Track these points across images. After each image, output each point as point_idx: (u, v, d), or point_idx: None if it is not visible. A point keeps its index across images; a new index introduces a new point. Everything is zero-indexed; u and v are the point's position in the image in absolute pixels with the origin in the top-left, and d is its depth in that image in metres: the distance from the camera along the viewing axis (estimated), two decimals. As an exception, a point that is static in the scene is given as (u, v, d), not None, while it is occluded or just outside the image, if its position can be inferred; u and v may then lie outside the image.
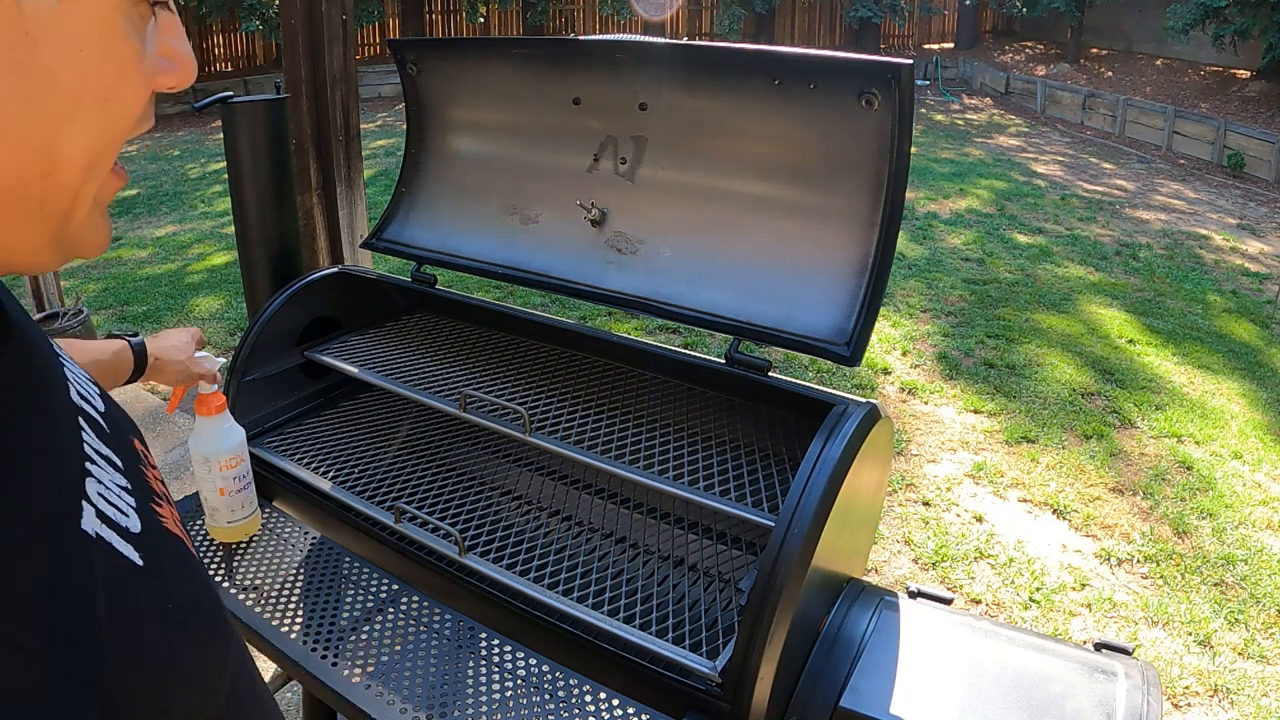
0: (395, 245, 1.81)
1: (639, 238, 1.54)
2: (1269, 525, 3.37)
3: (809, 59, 1.27)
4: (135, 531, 0.43)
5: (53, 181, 0.39)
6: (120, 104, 0.40)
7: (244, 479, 1.35)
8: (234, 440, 1.33)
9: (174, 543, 0.48)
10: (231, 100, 1.80)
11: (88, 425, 0.47)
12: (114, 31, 0.39)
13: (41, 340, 0.50)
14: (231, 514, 1.35)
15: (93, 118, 0.39)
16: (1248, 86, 13.40)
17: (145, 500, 0.47)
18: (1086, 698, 1.08)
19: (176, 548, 0.48)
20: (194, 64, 0.45)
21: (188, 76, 0.44)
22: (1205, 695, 2.53)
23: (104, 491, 0.43)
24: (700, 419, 1.48)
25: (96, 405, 0.51)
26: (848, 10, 17.74)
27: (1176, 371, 4.79)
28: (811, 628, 1.19)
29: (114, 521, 0.42)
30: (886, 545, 3.15)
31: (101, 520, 0.41)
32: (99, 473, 0.44)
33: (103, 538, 0.40)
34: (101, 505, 0.42)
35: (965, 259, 6.68)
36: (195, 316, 5.33)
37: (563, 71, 1.56)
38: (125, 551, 0.41)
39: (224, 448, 1.31)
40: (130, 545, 0.42)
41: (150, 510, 0.47)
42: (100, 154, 0.41)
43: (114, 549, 0.41)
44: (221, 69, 16.51)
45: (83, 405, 0.49)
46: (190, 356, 1.33)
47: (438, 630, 1.21)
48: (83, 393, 0.50)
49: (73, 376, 0.50)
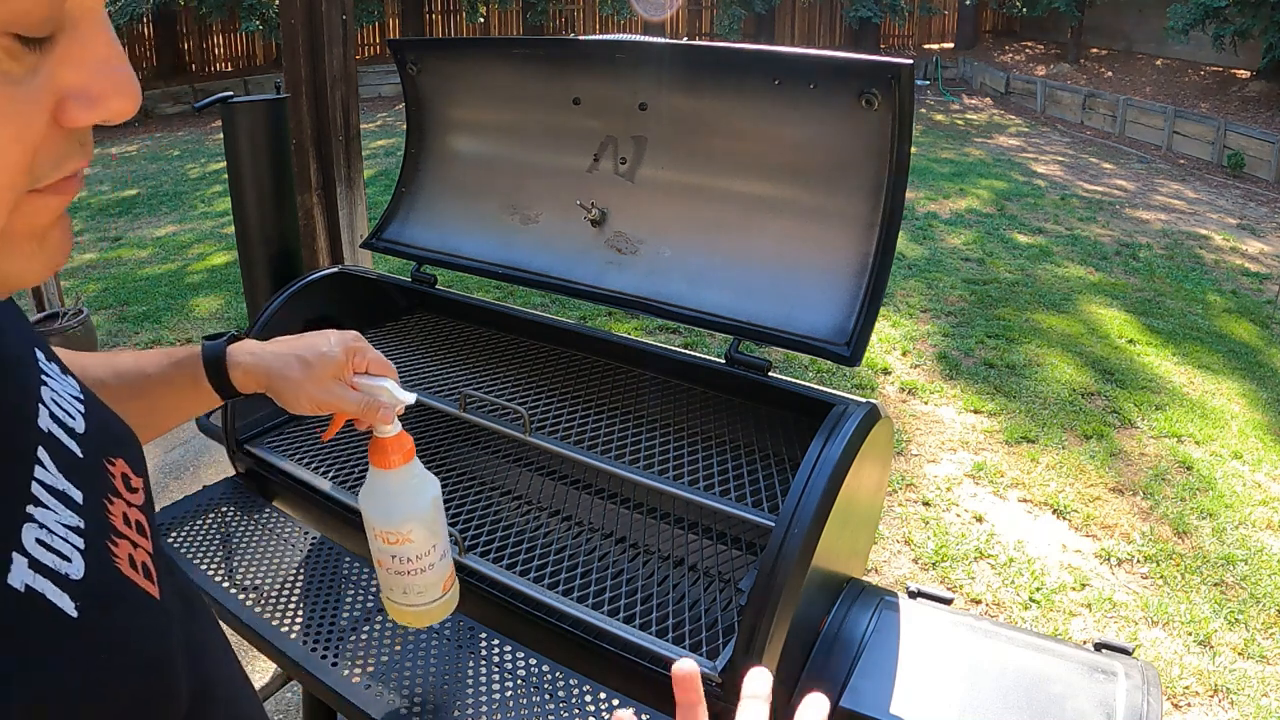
0: (395, 245, 1.81)
1: (639, 238, 1.54)
2: (1269, 525, 3.37)
3: (809, 59, 1.27)
4: (76, 578, 0.41)
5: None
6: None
7: (416, 559, 0.93)
8: (404, 508, 0.90)
9: (122, 586, 0.45)
10: (231, 100, 1.80)
11: (50, 456, 0.45)
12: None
13: (18, 357, 0.48)
14: (396, 593, 0.96)
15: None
16: (1248, 86, 13.40)
17: (99, 539, 0.45)
18: (1086, 698, 1.08)
19: (125, 592, 0.45)
20: (129, 93, 0.39)
21: (115, 108, 0.39)
22: (1205, 695, 2.53)
23: (44, 537, 0.41)
24: (700, 419, 1.48)
25: (75, 425, 0.49)
26: (848, 10, 17.74)
27: (1176, 371, 4.79)
28: (811, 628, 1.19)
29: (52, 569, 0.40)
30: (886, 545, 3.15)
31: (36, 570, 0.39)
32: (43, 515, 0.42)
33: (33, 589, 0.39)
34: (37, 553, 0.40)
35: (965, 259, 6.68)
36: (195, 316, 5.33)
37: (563, 71, 1.56)
38: (59, 603, 0.40)
39: (387, 513, 0.91)
40: (67, 594, 0.40)
41: (101, 550, 0.45)
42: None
43: (45, 599, 0.39)
44: (221, 69, 16.51)
45: (53, 430, 0.47)
46: (332, 379, 0.87)
47: (438, 630, 1.21)
48: (58, 414, 0.48)
49: (50, 397, 0.48)
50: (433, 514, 0.92)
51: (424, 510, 0.91)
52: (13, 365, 0.48)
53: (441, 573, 0.95)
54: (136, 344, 4.93)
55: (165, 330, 5.10)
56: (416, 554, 0.92)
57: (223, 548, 1.39)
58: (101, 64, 0.38)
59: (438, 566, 0.94)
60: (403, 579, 0.93)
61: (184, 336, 5.02)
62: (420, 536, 0.91)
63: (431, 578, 0.94)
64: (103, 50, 0.38)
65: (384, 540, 0.91)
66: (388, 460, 0.89)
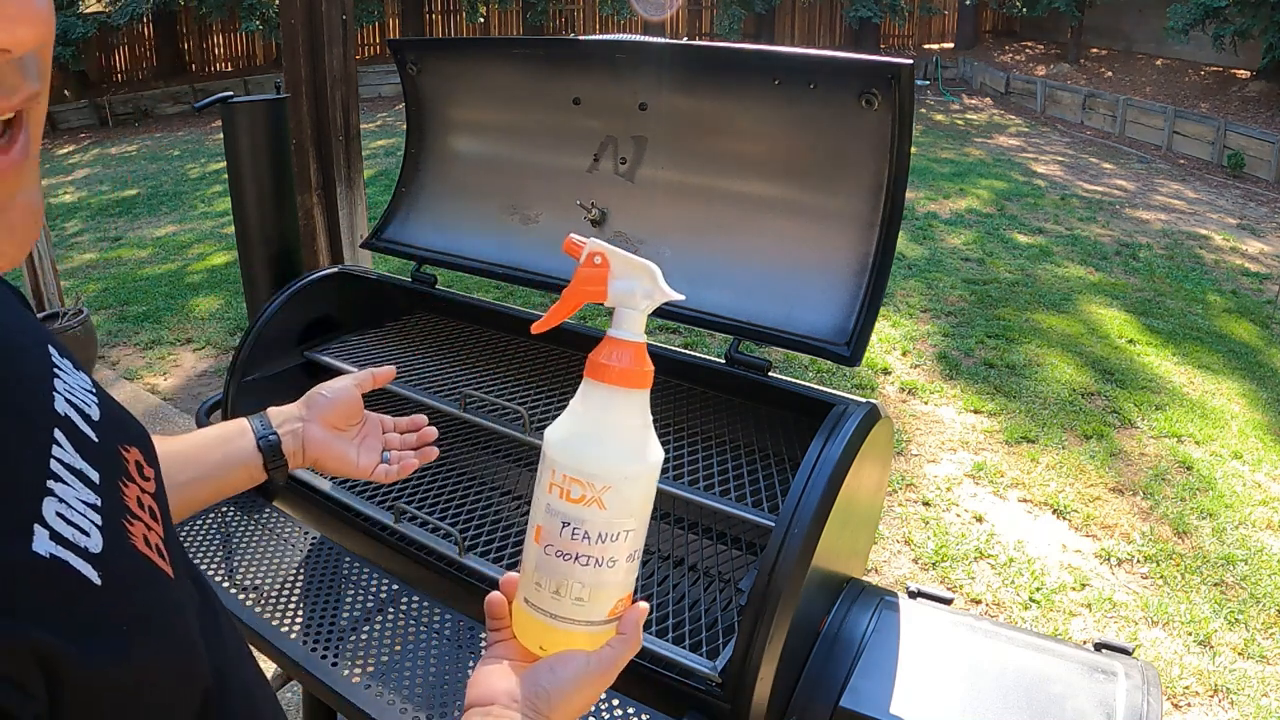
0: (395, 245, 1.81)
1: (639, 238, 1.54)
2: (1269, 525, 3.37)
3: (809, 59, 1.27)
4: (95, 552, 0.42)
5: None
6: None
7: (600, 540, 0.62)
8: (616, 451, 0.61)
9: (139, 562, 0.46)
10: (231, 100, 1.80)
11: (67, 437, 0.45)
12: None
13: (22, 345, 0.48)
14: (544, 592, 0.64)
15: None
16: (1248, 86, 13.40)
17: (115, 517, 0.45)
18: (1086, 698, 1.08)
19: (142, 567, 0.46)
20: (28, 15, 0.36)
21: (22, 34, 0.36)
22: (1205, 695, 2.53)
23: (64, 511, 0.41)
24: (700, 419, 1.48)
25: (90, 413, 0.50)
26: (848, 10, 17.73)
27: (1176, 371, 4.79)
28: (811, 628, 1.19)
29: (71, 542, 0.41)
30: (886, 545, 3.15)
31: (56, 541, 0.40)
32: (63, 490, 0.42)
33: (58, 558, 0.39)
34: (58, 526, 0.40)
35: (965, 259, 6.68)
36: (195, 316, 5.33)
37: (563, 71, 1.56)
38: (84, 570, 0.40)
39: (582, 448, 0.61)
40: (89, 564, 0.41)
41: (119, 528, 0.45)
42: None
43: (70, 567, 0.40)
44: (221, 69, 16.52)
45: (69, 414, 0.47)
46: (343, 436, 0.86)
47: (438, 630, 1.21)
48: (73, 400, 0.49)
49: (63, 387, 0.49)
50: (645, 484, 0.63)
51: (640, 467, 0.62)
52: (25, 352, 0.48)
53: (624, 583, 0.65)
54: (136, 344, 4.94)
55: (165, 330, 5.10)
56: (605, 531, 0.61)
57: (223, 548, 1.39)
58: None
59: (622, 568, 0.63)
60: (566, 566, 0.62)
61: (184, 336, 5.02)
62: (619, 505, 0.61)
63: (610, 579, 0.63)
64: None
65: (561, 492, 0.61)
66: (613, 374, 0.60)
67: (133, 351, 4.85)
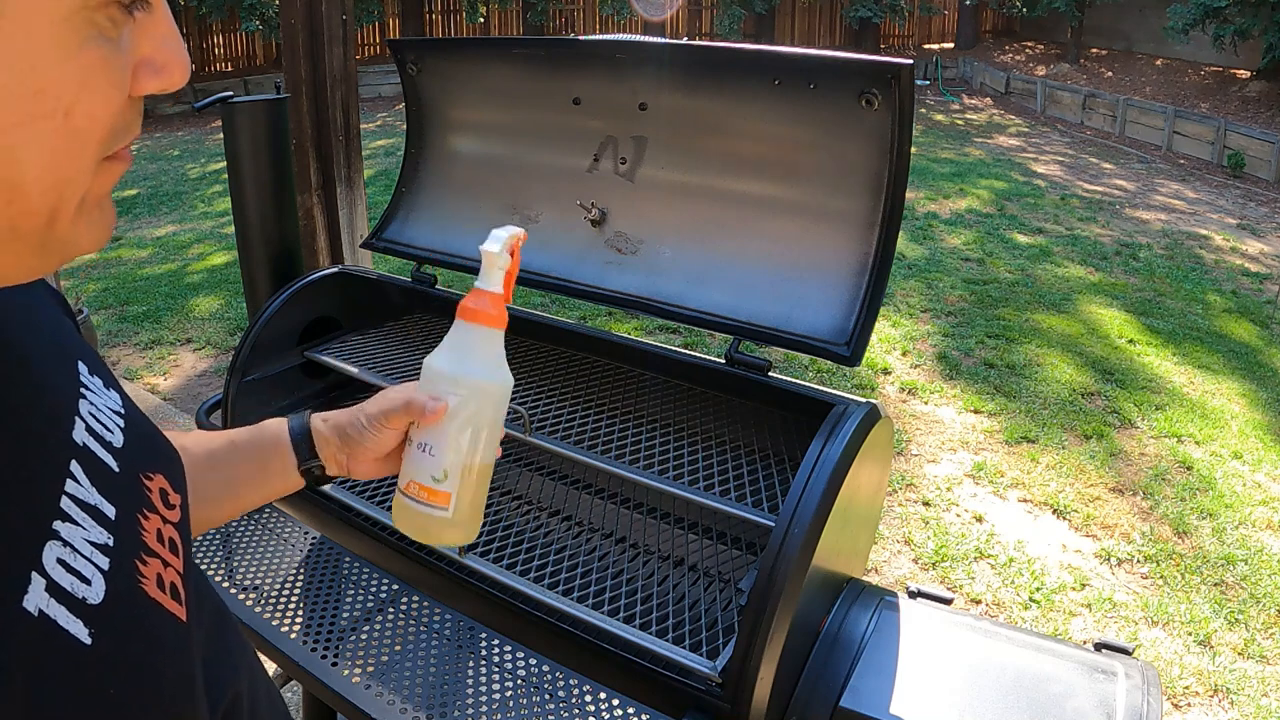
0: (395, 245, 1.81)
1: (639, 238, 1.54)
2: (1269, 525, 3.37)
3: (809, 59, 1.27)
4: (94, 603, 0.41)
5: (18, 208, 0.37)
6: (86, 117, 0.37)
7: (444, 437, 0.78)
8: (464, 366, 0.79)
9: (143, 610, 0.45)
10: (231, 100, 1.80)
11: (85, 470, 0.45)
12: (71, 40, 0.36)
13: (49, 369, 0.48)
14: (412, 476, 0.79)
15: (53, 135, 0.36)
16: (1248, 86, 13.40)
17: (128, 557, 0.45)
18: (1086, 698, 1.08)
19: (145, 616, 0.45)
20: (186, 65, 0.43)
21: (176, 79, 0.42)
22: (1205, 695, 2.53)
23: (66, 556, 0.41)
24: (700, 419, 1.48)
25: (112, 440, 0.49)
26: (848, 10, 17.74)
27: (1176, 371, 4.79)
28: (811, 628, 1.19)
29: (68, 593, 0.40)
30: (886, 545, 3.15)
31: (51, 593, 0.39)
32: (70, 531, 0.41)
33: (46, 615, 0.38)
34: (56, 575, 0.39)
35: (965, 259, 6.68)
36: (195, 316, 5.32)
37: (563, 71, 1.56)
38: (71, 629, 0.39)
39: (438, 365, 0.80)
40: (81, 620, 0.40)
41: (129, 570, 0.44)
42: (70, 170, 0.38)
43: (57, 626, 0.38)
44: (221, 69, 16.51)
45: (88, 444, 0.46)
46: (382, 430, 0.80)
47: (438, 630, 1.21)
48: (95, 428, 0.48)
49: (88, 410, 0.48)
50: (493, 404, 0.79)
51: (484, 380, 0.78)
52: (51, 376, 0.47)
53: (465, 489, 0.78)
54: (136, 344, 4.93)
55: (165, 330, 5.10)
56: (453, 430, 0.77)
57: (223, 548, 1.39)
58: (167, 37, 0.42)
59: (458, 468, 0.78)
60: (421, 459, 0.77)
61: (184, 336, 5.01)
62: (464, 409, 0.77)
63: (449, 463, 0.77)
64: (167, 26, 0.42)
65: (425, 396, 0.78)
66: (473, 314, 0.79)
67: (133, 351, 4.85)
